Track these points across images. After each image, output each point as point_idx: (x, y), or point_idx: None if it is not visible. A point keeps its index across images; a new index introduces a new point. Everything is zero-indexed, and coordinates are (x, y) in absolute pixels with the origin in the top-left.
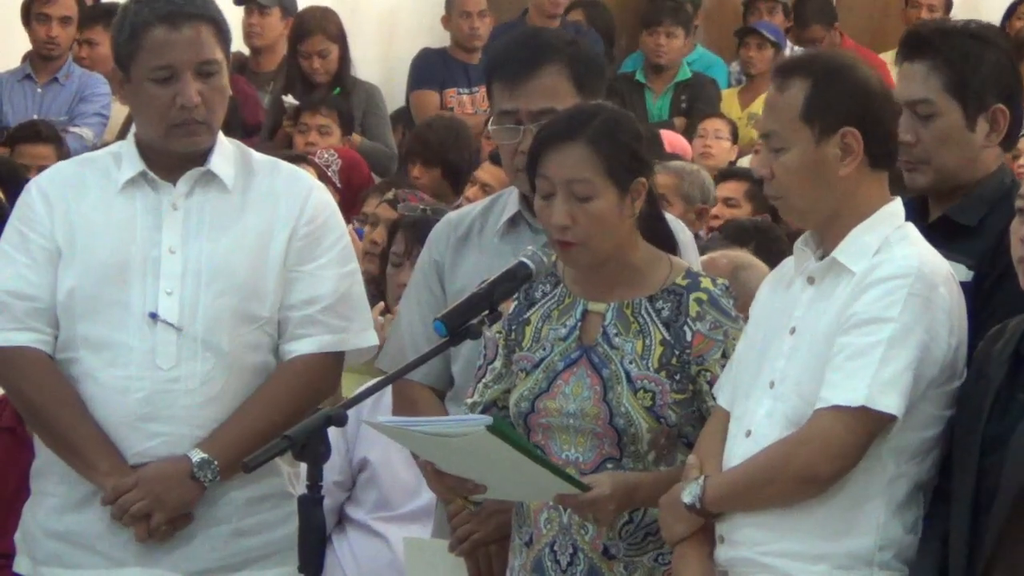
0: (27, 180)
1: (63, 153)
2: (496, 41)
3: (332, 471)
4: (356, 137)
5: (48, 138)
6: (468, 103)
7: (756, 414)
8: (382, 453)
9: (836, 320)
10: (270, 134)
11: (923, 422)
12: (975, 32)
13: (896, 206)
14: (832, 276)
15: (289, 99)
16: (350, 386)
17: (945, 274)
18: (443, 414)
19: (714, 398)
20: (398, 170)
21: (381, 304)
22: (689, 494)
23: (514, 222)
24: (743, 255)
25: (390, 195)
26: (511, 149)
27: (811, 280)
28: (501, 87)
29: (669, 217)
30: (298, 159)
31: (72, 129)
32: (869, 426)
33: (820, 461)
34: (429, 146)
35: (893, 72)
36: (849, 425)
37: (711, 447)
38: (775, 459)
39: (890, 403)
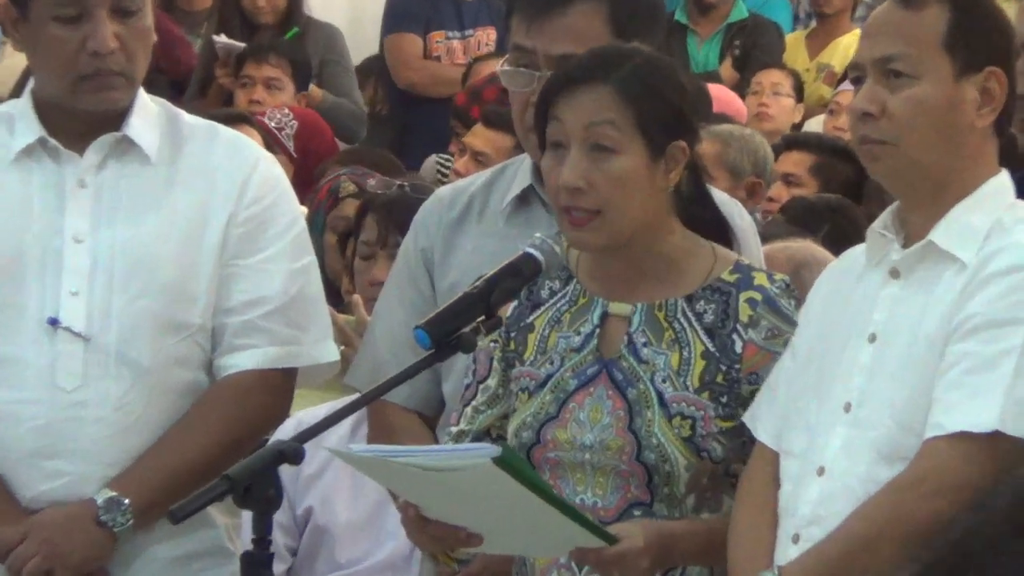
0: None
1: None
2: None
3: (279, 532)
4: (316, 91)
5: None
6: (459, 50)
7: (828, 447)
8: (321, 496)
9: (944, 323)
10: (201, 89)
11: None
12: None
13: (1004, 179)
14: (928, 266)
15: (223, 40)
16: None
17: None
18: (431, 444)
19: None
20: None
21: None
22: None
23: (524, 199)
24: (808, 248)
25: (345, 179)
26: (523, 99)
27: (895, 273)
28: (519, 20)
29: (721, 197)
30: (239, 119)
31: None
32: (1002, 458)
33: (940, 504)
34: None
35: None
36: (974, 456)
37: (759, 528)
38: (877, 515)
39: None
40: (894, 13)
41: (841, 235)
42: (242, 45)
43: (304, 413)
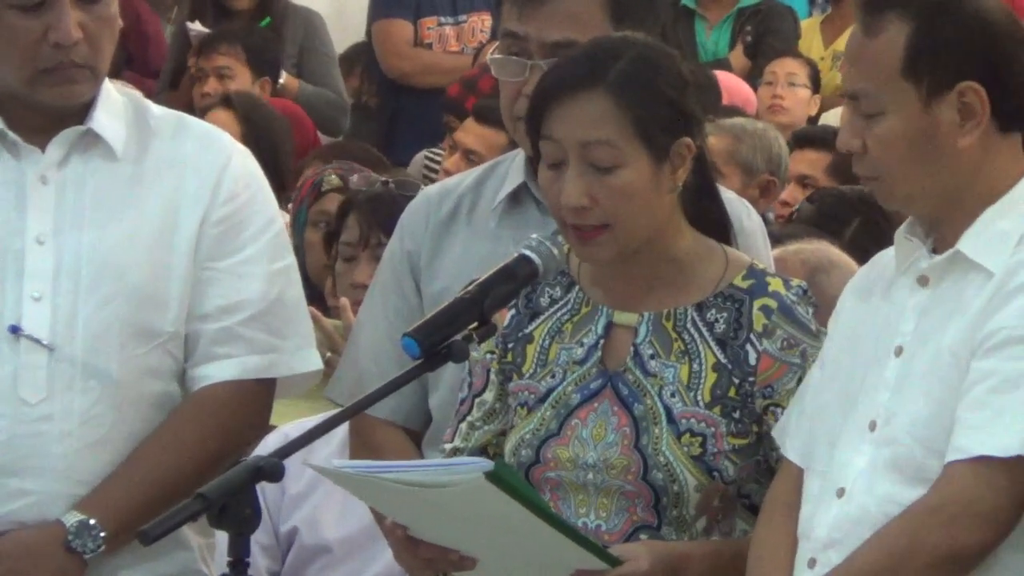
0: None
1: None
2: None
3: (261, 554)
4: (292, 80)
5: None
6: (452, 37)
7: (850, 467)
8: (308, 516)
9: (968, 335)
10: (172, 80)
11: None
12: None
13: None
14: (956, 276)
15: (197, 27)
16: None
17: None
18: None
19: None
20: None
21: None
22: None
23: (517, 198)
24: (824, 250)
25: (330, 172)
26: (513, 90)
27: (923, 281)
28: (511, 4)
29: (728, 195)
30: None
31: None
32: None
33: (960, 532)
34: None
35: None
36: (996, 482)
37: (779, 550)
38: (896, 542)
39: None
40: (857, 39)
41: (871, 231)
42: None
43: (291, 427)
